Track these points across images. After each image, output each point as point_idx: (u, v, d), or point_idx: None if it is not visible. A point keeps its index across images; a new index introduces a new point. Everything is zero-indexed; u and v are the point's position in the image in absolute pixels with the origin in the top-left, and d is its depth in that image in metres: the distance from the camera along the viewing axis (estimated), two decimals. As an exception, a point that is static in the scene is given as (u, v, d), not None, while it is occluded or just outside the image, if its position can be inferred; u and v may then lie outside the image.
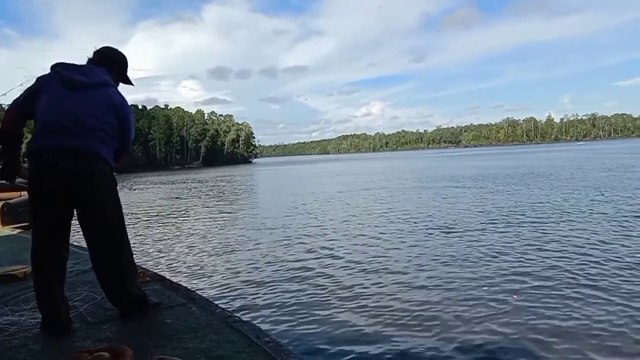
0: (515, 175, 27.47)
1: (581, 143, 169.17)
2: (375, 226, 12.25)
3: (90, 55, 3.03)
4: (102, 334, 2.64)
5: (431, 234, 10.72)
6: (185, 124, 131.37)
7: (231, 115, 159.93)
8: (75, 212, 2.77)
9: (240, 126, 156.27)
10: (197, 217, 16.60)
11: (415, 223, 12.34)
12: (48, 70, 2.82)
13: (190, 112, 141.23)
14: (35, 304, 3.16)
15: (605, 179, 21.61)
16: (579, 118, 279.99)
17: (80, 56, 3.04)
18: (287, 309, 5.92)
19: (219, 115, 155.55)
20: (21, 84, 6.14)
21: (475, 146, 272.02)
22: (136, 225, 14.93)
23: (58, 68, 2.80)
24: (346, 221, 13.37)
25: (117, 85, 3.06)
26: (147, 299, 2.99)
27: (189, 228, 13.91)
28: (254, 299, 6.48)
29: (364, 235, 10.89)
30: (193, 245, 11.00)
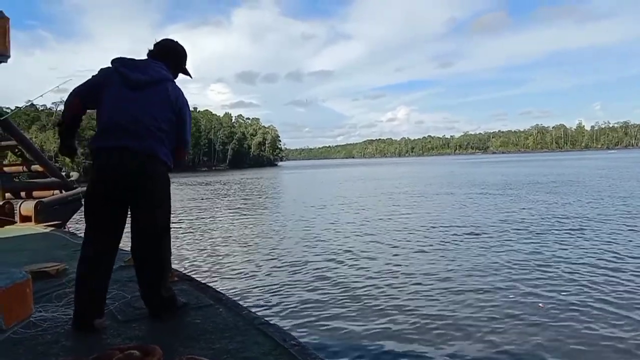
0: (545, 184, 26.96)
1: (613, 151, 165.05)
2: (400, 232, 12.17)
3: (151, 47, 3.08)
4: (131, 332, 2.68)
5: (453, 241, 10.63)
6: (213, 126, 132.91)
7: (258, 119, 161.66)
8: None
9: (267, 129, 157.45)
10: (223, 219, 16.76)
11: (438, 230, 12.24)
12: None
13: (218, 115, 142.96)
14: (68, 301, 3.25)
15: (633, 189, 21.06)
16: (611, 126, 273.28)
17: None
18: (312, 313, 5.93)
19: (246, 119, 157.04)
20: (57, 86, 6.31)
21: (503, 153, 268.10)
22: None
23: (117, 64, 2.84)
24: (370, 227, 13.33)
25: (176, 76, 3.11)
26: (176, 300, 3.03)
27: (216, 229, 14.06)
28: (280, 301, 6.51)
29: (388, 241, 10.84)
30: (220, 246, 11.13)
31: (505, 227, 12.03)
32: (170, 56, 3.08)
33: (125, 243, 2.93)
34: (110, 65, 2.86)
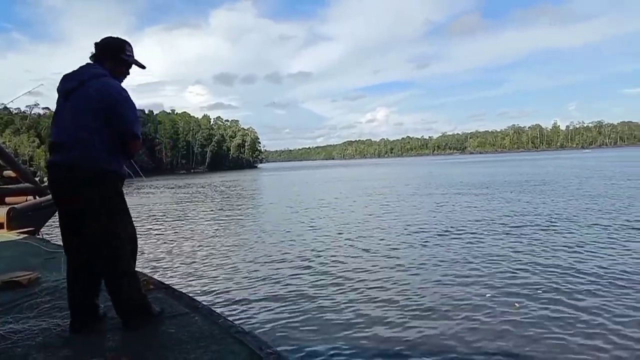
0: (519, 183, 27.37)
1: (587, 151, 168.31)
2: (378, 235, 12.25)
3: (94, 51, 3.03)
4: (105, 342, 2.65)
5: (430, 241, 10.74)
6: (191, 129, 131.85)
7: (237, 121, 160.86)
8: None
9: (246, 131, 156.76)
10: (202, 224, 16.62)
11: (416, 230, 12.34)
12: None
13: (196, 117, 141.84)
14: (39, 312, 3.20)
15: (606, 188, 21.54)
16: (585, 125, 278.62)
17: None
18: (290, 320, 5.91)
19: (225, 121, 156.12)
20: (29, 91, 6.20)
21: (480, 153, 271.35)
22: (140, 231, 14.97)
23: (60, 83, 2.89)
24: (348, 230, 13.36)
25: (122, 71, 3.03)
26: (150, 308, 2.98)
27: (194, 235, 13.93)
28: (257, 308, 6.48)
29: (367, 245, 10.88)
30: (198, 252, 11.02)
31: (481, 227, 12.19)
32: (103, 52, 2.97)
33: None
34: None
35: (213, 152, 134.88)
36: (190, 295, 3.81)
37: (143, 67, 3.18)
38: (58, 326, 2.94)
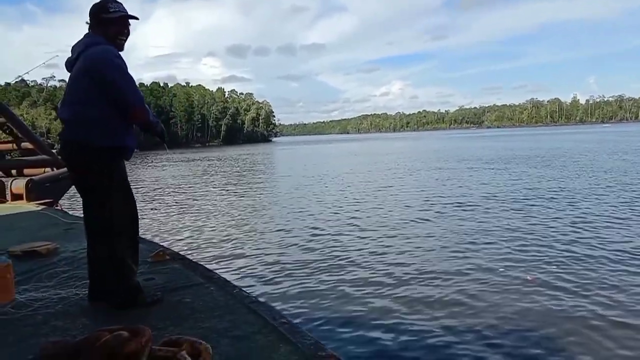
0: (539, 157, 27.05)
1: (607, 125, 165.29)
2: (394, 209, 12.21)
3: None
4: (122, 312, 2.69)
5: (448, 216, 10.69)
6: (206, 102, 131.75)
7: (251, 94, 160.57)
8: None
9: (261, 105, 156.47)
10: (218, 197, 16.73)
11: (435, 204, 12.29)
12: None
13: (211, 90, 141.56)
14: (58, 281, 3.27)
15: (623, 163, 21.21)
16: (605, 100, 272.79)
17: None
18: (303, 291, 5.96)
19: (240, 94, 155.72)
20: (44, 62, 6.22)
21: (498, 127, 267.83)
22: (157, 204, 15.14)
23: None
24: (365, 204, 13.33)
25: (114, 36, 2.81)
26: (141, 296, 2.81)
27: (210, 207, 14.04)
28: (272, 279, 6.54)
29: (383, 219, 10.88)
30: (214, 224, 11.12)
31: (502, 201, 12.10)
32: (91, 20, 2.82)
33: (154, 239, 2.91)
34: None
35: (228, 125, 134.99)
36: (206, 266, 3.85)
37: (136, 18, 2.88)
38: (76, 295, 3.00)
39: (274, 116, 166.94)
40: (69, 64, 2.82)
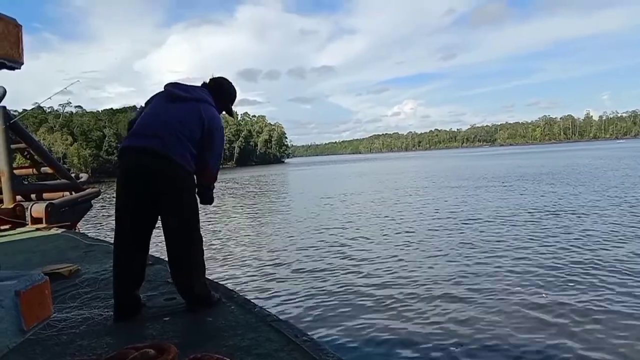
0: (555, 175, 26.83)
1: (621, 141, 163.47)
2: (413, 228, 12.15)
3: (207, 81, 3.29)
4: (145, 331, 2.72)
5: (462, 231, 10.62)
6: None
7: (264, 116, 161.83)
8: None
9: (273, 127, 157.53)
10: (233, 217, 16.82)
11: (452, 223, 12.22)
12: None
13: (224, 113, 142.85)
14: (81, 302, 3.31)
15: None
16: (619, 115, 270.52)
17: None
18: (323, 309, 5.96)
19: (252, 116, 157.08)
20: (65, 88, 6.38)
21: (511, 145, 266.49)
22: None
23: (168, 86, 3.10)
24: (381, 223, 13.30)
25: (220, 110, 3.26)
26: (212, 296, 3.14)
27: (226, 227, 14.12)
28: (291, 298, 6.55)
29: (402, 239, 10.81)
30: (231, 244, 11.20)
31: (521, 218, 12.01)
32: (220, 92, 3.28)
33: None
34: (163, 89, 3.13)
35: (241, 147, 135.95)
36: (226, 285, 3.88)
37: (233, 117, 3.84)
38: (100, 315, 3.04)
39: (286, 137, 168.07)
40: (178, 97, 3.01)
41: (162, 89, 3.13)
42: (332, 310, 5.90)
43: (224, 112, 3.41)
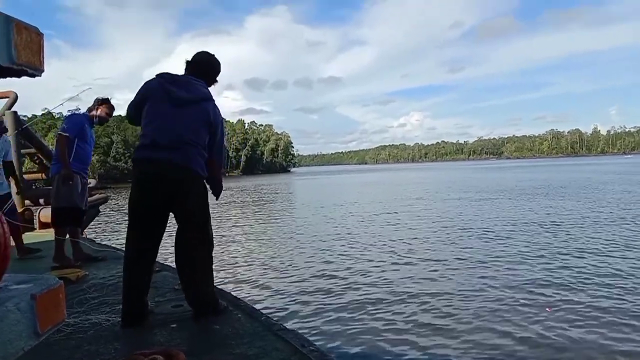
0: (565, 187, 26.71)
1: (629, 156, 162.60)
2: (420, 239, 12.07)
3: (184, 64, 3.24)
4: (153, 337, 2.73)
5: (467, 243, 10.55)
6: (226, 133, 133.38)
7: (271, 125, 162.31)
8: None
9: (280, 136, 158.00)
10: (240, 225, 16.81)
11: (458, 234, 12.16)
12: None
13: (231, 121, 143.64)
14: (89, 307, 3.32)
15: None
16: (627, 130, 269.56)
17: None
18: (329, 319, 5.93)
19: (259, 125, 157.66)
20: (77, 94, 6.44)
21: (517, 158, 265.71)
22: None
23: (162, 80, 3.04)
24: (390, 234, 13.24)
25: (208, 86, 3.26)
26: (219, 303, 3.17)
27: (233, 235, 14.10)
28: (297, 307, 6.52)
29: (409, 248, 10.76)
30: (237, 252, 11.17)
31: (524, 232, 11.95)
32: (209, 73, 3.28)
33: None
34: (155, 79, 3.07)
35: (247, 156, 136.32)
36: (232, 293, 3.89)
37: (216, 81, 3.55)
38: (107, 321, 3.05)
39: (292, 147, 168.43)
40: (180, 99, 3.00)
41: (157, 82, 3.05)
42: (339, 320, 5.87)
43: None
